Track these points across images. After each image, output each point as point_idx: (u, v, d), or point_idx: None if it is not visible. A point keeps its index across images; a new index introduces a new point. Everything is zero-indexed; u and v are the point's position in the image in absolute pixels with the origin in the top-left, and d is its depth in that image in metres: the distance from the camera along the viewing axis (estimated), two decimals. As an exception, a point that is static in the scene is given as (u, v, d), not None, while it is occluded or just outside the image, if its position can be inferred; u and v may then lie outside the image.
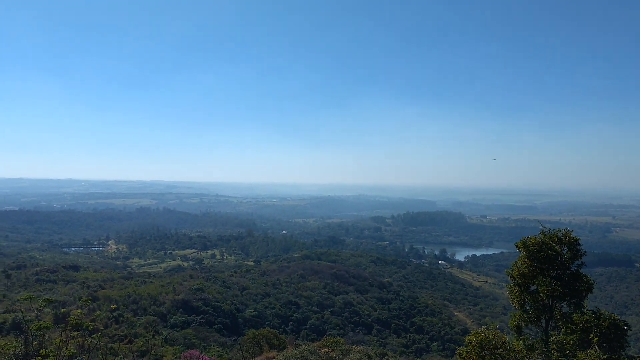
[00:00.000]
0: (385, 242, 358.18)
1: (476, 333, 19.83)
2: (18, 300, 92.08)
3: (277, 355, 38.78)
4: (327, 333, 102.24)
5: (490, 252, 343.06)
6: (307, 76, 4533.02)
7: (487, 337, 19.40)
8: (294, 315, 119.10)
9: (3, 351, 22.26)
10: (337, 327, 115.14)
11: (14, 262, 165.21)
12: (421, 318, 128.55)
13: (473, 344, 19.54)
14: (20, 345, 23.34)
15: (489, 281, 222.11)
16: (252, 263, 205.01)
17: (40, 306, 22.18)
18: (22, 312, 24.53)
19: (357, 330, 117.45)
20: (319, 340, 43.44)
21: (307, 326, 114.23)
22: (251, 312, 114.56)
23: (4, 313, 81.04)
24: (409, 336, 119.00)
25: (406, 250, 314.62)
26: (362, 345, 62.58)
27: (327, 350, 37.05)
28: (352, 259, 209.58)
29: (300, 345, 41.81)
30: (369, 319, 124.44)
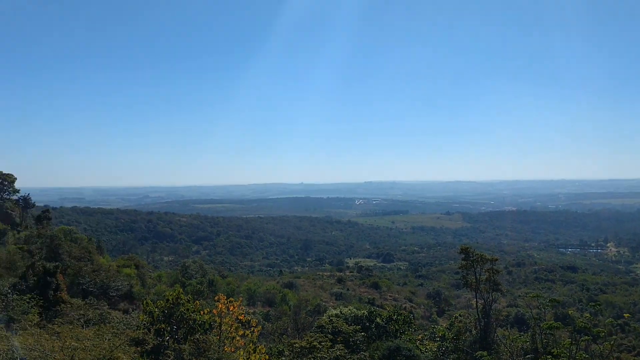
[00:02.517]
0: None
1: None
2: (519, 296, 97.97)
3: None
4: None
5: None
6: None
7: None
8: None
9: (513, 343, 23.77)
10: None
11: (513, 260, 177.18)
12: None
13: None
14: (527, 340, 24.45)
15: None
16: None
17: (544, 305, 22.73)
18: (530, 309, 25.76)
19: None
20: None
21: None
22: None
23: (507, 307, 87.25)
24: None
25: None
26: None
27: None
28: None
29: None
30: None
